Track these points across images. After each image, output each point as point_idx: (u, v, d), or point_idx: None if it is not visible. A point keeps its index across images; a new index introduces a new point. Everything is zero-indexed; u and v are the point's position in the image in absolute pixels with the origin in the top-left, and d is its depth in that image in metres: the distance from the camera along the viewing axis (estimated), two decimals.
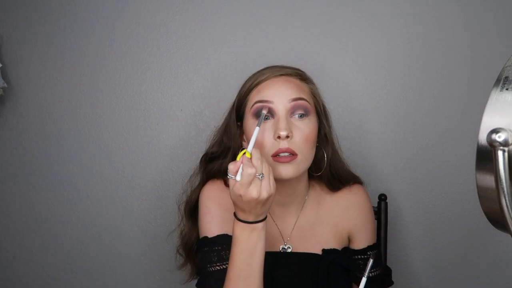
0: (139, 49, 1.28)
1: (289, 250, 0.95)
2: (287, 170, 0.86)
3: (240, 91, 0.96)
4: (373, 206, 1.19)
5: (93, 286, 1.32)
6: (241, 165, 0.75)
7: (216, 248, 0.90)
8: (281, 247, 0.95)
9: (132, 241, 1.31)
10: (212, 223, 0.93)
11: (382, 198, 1.18)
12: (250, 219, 0.78)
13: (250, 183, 0.74)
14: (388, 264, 1.18)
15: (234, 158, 0.89)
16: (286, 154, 0.85)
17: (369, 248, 0.99)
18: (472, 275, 1.32)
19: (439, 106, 1.29)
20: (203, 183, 1.00)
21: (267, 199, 0.77)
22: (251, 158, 0.76)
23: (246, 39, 1.28)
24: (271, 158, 0.86)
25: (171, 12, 1.28)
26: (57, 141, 1.29)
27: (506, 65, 0.49)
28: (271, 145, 0.86)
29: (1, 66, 1.23)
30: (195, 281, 0.98)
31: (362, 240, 0.99)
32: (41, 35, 1.28)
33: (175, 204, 1.10)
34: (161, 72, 1.29)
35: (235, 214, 0.80)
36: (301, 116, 0.88)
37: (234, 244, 0.80)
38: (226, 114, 1.01)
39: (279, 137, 0.85)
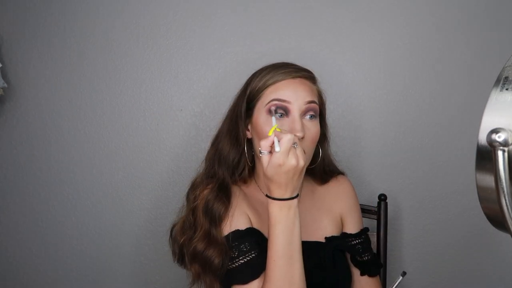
0: (139, 49, 1.28)
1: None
2: None
3: (253, 82, 0.97)
4: (373, 206, 1.20)
5: (93, 286, 1.32)
6: (275, 137, 0.80)
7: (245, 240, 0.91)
8: None
9: (132, 241, 1.31)
10: (234, 219, 0.93)
11: (382, 198, 1.18)
12: (287, 195, 0.82)
13: (289, 150, 0.79)
14: (388, 264, 1.18)
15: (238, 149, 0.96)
16: None
17: (362, 231, 1.05)
18: (472, 275, 1.32)
19: (439, 106, 1.29)
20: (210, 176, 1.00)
21: (303, 167, 0.82)
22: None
23: (246, 39, 1.28)
24: None
25: (171, 12, 1.28)
26: (57, 141, 1.29)
27: (506, 65, 0.49)
28: None
29: (1, 66, 1.23)
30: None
31: (353, 223, 1.05)
32: (41, 35, 1.28)
33: (175, 204, 1.10)
34: (161, 72, 1.29)
35: (269, 196, 0.83)
36: (311, 117, 0.93)
37: (274, 226, 0.83)
38: (233, 101, 1.03)
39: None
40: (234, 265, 0.90)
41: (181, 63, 1.29)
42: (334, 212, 1.04)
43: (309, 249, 0.95)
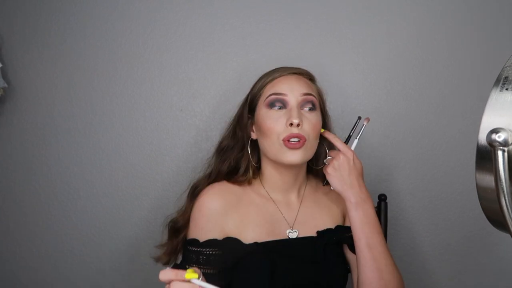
0: (139, 49, 1.28)
1: (295, 235, 0.99)
2: (295, 155, 0.94)
3: (253, 87, 1.04)
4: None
5: (93, 286, 1.32)
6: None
7: (206, 251, 0.94)
8: (287, 231, 0.99)
9: (132, 241, 1.31)
10: (204, 231, 0.95)
11: (382, 198, 1.18)
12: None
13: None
14: None
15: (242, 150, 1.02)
16: (296, 140, 0.93)
17: None
18: (472, 275, 1.32)
19: (439, 106, 1.29)
20: (214, 177, 1.03)
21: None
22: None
23: (246, 39, 1.29)
24: (282, 142, 0.94)
25: (171, 12, 1.28)
26: (57, 141, 1.29)
27: (506, 65, 0.49)
28: (283, 131, 0.94)
29: (1, 66, 1.23)
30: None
31: None
32: (41, 35, 1.27)
33: (175, 204, 1.10)
34: (161, 72, 1.29)
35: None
36: (310, 109, 0.97)
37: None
38: (237, 109, 1.07)
39: (291, 124, 0.93)
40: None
41: (181, 63, 1.29)
42: (335, 210, 1.06)
43: (302, 244, 0.98)
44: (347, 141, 1.03)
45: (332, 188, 0.98)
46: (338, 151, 0.98)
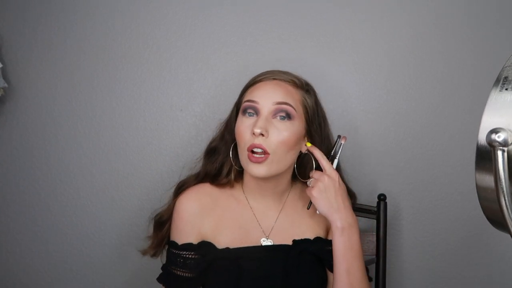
0: (139, 49, 1.28)
1: (269, 244, 0.98)
2: (258, 169, 0.91)
3: (242, 89, 1.02)
4: (373, 206, 1.20)
5: (93, 286, 1.32)
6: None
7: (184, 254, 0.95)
8: (262, 240, 0.98)
9: (132, 241, 1.31)
10: (182, 233, 0.96)
11: (382, 198, 1.18)
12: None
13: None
14: (387, 264, 1.18)
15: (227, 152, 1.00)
16: (259, 150, 0.90)
17: None
18: (472, 275, 1.32)
19: (439, 106, 1.29)
20: (202, 177, 1.03)
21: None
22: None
23: (246, 39, 1.29)
24: (247, 154, 0.92)
25: (171, 12, 1.28)
26: (57, 141, 1.29)
27: (506, 65, 0.49)
28: (248, 139, 0.92)
29: (1, 66, 1.23)
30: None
31: None
32: (41, 35, 1.28)
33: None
34: (161, 72, 1.29)
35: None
36: (282, 118, 0.92)
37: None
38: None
39: (254, 133, 0.90)
40: (174, 270, 0.95)
41: (181, 63, 1.29)
42: (318, 220, 1.01)
43: (275, 251, 0.97)
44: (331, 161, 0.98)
45: (318, 212, 0.94)
46: (321, 172, 0.94)
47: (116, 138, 1.29)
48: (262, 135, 0.89)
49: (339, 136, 1.00)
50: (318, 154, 0.95)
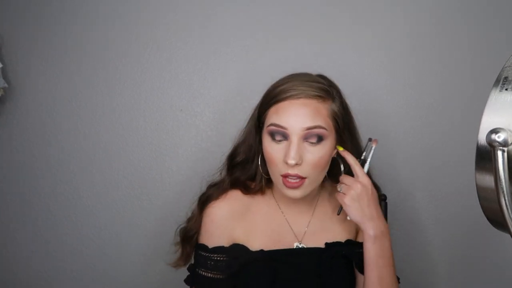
0: (139, 49, 1.28)
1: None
2: (294, 193, 0.90)
3: (262, 99, 0.95)
4: None
5: (93, 286, 1.32)
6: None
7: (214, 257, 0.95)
8: (295, 244, 0.99)
9: (132, 241, 1.31)
10: (214, 236, 0.96)
11: (382, 198, 1.18)
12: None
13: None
14: None
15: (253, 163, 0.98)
16: (294, 178, 0.88)
17: None
18: (472, 275, 1.32)
19: (439, 106, 1.29)
20: (227, 186, 1.00)
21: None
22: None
23: (246, 39, 1.28)
24: (280, 178, 0.90)
25: (171, 12, 1.28)
26: (57, 141, 1.29)
27: (506, 65, 0.49)
28: (281, 166, 0.89)
29: (2, 66, 1.23)
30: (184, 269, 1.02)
31: None
32: (41, 35, 1.27)
33: (175, 204, 1.10)
34: (161, 72, 1.29)
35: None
36: (313, 143, 0.89)
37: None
38: (248, 119, 1.01)
39: (288, 163, 0.87)
40: (203, 273, 0.95)
41: (181, 63, 1.29)
42: (348, 223, 1.00)
43: (308, 254, 0.97)
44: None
45: (349, 218, 0.93)
46: (353, 178, 0.92)
47: (116, 138, 1.29)
48: (297, 164, 0.87)
49: (369, 139, 0.98)
50: (351, 160, 0.93)
